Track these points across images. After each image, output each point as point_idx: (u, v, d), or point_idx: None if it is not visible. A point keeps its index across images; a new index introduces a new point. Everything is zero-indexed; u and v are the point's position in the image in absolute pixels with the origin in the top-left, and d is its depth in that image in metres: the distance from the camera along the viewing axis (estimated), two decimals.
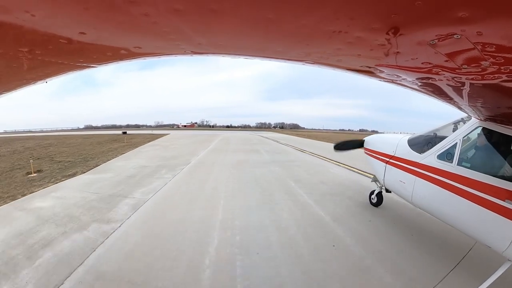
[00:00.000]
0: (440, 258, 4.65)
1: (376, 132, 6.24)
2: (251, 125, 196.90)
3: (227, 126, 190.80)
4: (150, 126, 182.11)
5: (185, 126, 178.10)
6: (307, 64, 1.87)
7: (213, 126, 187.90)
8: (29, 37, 1.31)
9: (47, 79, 2.31)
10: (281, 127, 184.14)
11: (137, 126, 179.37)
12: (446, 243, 5.23)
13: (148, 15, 1.04)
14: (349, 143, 8.18)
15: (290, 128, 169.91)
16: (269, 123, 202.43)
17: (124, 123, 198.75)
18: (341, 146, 8.18)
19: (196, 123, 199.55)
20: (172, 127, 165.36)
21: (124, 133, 54.33)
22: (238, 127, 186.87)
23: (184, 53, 1.66)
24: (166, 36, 1.30)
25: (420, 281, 3.98)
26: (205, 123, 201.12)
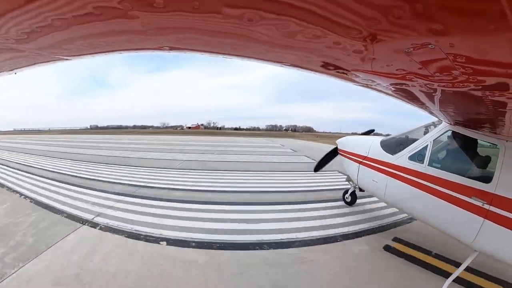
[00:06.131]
0: None
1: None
2: (261, 128, 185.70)
3: (235, 129, 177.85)
4: (158, 127, 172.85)
5: (189, 127, 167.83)
6: (285, 66, 1.85)
7: (220, 128, 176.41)
8: None
9: (16, 70, 2.18)
10: (293, 130, 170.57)
11: (143, 127, 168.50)
12: None
13: (126, 7, 0.99)
14: (324, 159, 8.38)
15: (303, 131, 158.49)
16: (280, 126, 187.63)
17: (131, 123, 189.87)
18: (320, 165, 8.46)
19: (202, 124, 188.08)
20: (176, 128, 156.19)
21: None
22: (247, 129, 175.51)
23: (161, 49, 1.60)
24: (144, 30, 1.24)
25: None
26: (212, 124, 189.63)
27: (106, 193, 9.15)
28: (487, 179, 3.51)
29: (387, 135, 6.41)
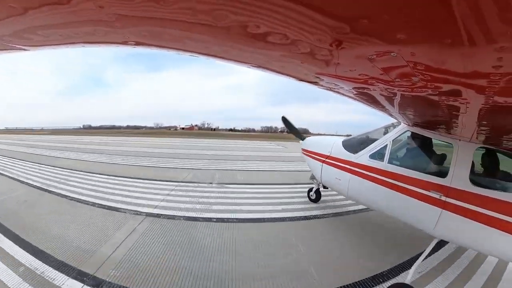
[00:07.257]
0: None
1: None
2: (256, 129, 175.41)
3: (230, 130, 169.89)
4: (151, 128, 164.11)
5: (183, 128, 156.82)
6: (252, 67, 1.82)
7: (214, 129, 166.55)
8: None
9: None
10: (289, 132, 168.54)
11: (136, 128, 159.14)
12: None
13: None
14: (294, 127, 8.54)
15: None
16: (276, 127, 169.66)
17: (125, 123, 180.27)
18: (287, 122, 8.45)
19: (196, 125, 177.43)
20: (169, 129, 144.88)
21: None
22: (241, 130, 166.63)
23: (126, 43, 1.49)
24: (109, 22, 1.14)
25: None
26: (206, 125, 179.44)
27: None
28: (443, 174, 3.82)
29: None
